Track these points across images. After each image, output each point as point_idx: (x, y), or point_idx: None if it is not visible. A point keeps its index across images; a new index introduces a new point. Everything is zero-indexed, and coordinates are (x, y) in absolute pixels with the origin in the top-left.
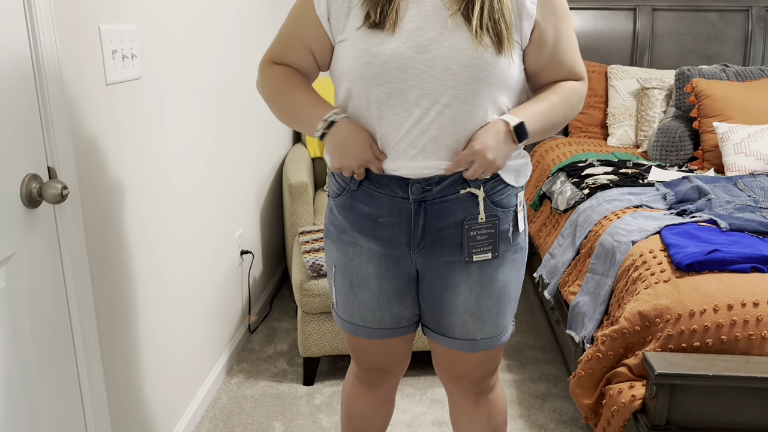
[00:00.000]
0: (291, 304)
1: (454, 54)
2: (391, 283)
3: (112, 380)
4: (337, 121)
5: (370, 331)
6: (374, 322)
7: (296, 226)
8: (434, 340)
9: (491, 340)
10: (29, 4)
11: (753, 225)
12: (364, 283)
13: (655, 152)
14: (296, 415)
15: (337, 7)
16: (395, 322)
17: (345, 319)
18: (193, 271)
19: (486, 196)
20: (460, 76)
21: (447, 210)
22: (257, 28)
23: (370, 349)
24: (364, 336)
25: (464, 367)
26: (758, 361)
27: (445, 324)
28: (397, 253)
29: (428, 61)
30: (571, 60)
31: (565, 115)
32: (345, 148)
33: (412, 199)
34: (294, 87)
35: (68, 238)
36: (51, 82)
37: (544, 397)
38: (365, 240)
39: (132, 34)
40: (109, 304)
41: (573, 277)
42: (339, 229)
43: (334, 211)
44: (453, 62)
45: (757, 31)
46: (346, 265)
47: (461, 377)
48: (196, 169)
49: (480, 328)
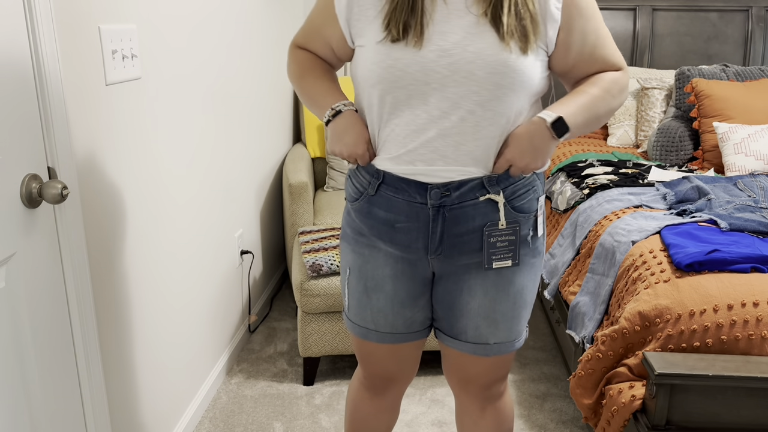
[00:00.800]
0: (291, 304)
1: (478, 59)
2: (406, 285)
3: (112, 380)
4: (343, 111)
5: (381, 336)
6: (386, 326)
7: (296, 226)
8: (445, 343)
9: (504, 345)
10: (29, 4)
11: (753, 225)
12: (379, 285)
13: (655, 152)
14: (296, 415)
15: (360, 9)
16: (407, 326)
17: (356, 323)
18: (193, 271)
19: (506, 201)
20: (484, 82)
21: (466, 216)
22: (258, 29)
23: (378, 355)
24: (375, 340)
25: (474, 371)
26: (758, 361)
27: (458, 327)
28: (414, 258)
29: (451, 65)
30: (604, 54)
31: (608, 107)
32: (341, 137)
33: (430, 204)
34: (312, 73)
35: (68, 238)
36: (51, 82)
37: (544, 397)
38: (383, 244)
39: (132, 34)
40: (109, 304)
41: (573, 277)
42: (356, 232)
43: (352, 215)
44: (476, 68)
45: (757, 31)
46: (362, 267)
47: (470, 381)
48: (196, 168)
49: (493, 332)
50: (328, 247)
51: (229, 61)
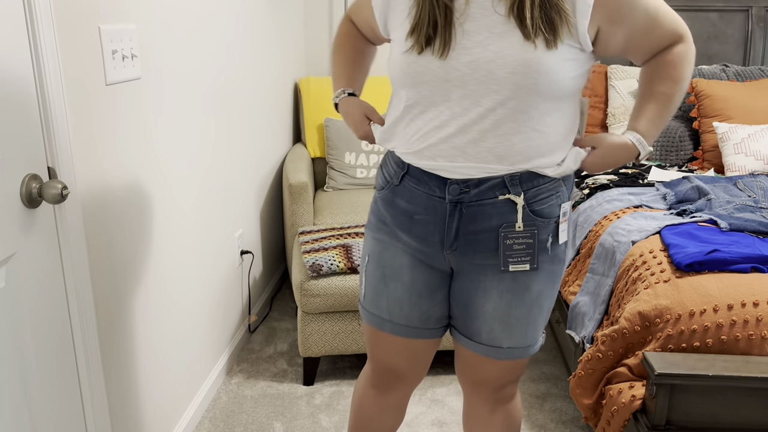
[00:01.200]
0: (291, 304)
1: (499, 59)
2: (424, 276)
3: (112, 380)
4: (339, 101)
5: (396, 327)
6: (401, 318)
7: (296, 226)
8: (459, 342)
9: (518, 350)
10: (29, 4)
11: (753, 225)
12: (397, 274)
13: (655, 152)
14: (296, 415)
15: (396, 5)
16: (423, 321)
17: (371, 311)
18: (193, 271)
19: (526, 203)
20: (504, 81)
21: (483, 214)
22: (258, 29)
23: (390, 349)
24: (389, 331)
25: (486, 373)
26: (758, 361)
27: (473, 327)
28: (431, 251)
29: (471, 63)
30: (661, 34)
31: (682, 95)
32: (346, 119)
33: (448, 199)
34: (340, 50)
35: (68, 238)
36: (51, 82)
37: (544, 397)
38: (403, 234)
39: (132, 34)
40: (109, 304)
41: (573, 277)
42: (379, 220)
43: (378, 203)
44: (497, 67)
45: (757, 31)
46: (381, 254)
47: (482, 383)
48: (196, 168)
49: (507, 336)
50: (328, 247)
51: (229, 61)
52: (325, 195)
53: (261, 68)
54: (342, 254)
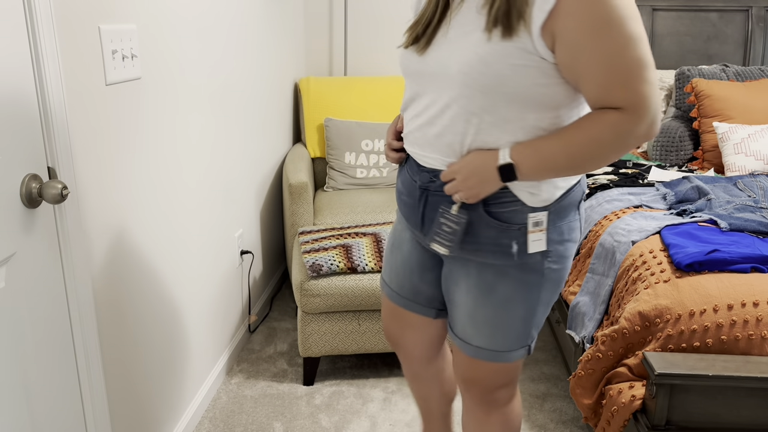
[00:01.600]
0: (291, 304)
1: (453, 56)
2: (419, 254)
3: (112, 380)
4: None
5: (391, 292)
6: (396, 285)
7: (296, 226)
8: (448, 332)
9: (487, 352)
10: (29, 4)
11: (753, 225)
12: (398, 245)
13: (655, 152)
14: (296, 415)
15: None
16: (413, 294)
17: (383, 277)
18: (193, 271)
19: (483, 203)
20: (453, 79)
21: (444, 203)
22: (258, 29)
23: (386, 312)
24: (386, 294)
25: (471, 373)
26: (758, 361)
27: (452, 317)
28: (417, 232)
29: (436, 60)
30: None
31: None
32: None
33: (418, 185)
34: None
35: (68, 238)
36: (51, 82)
37: (544, 397)
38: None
39: (132, 34)
40: (109, 304)
41: (573, 277)
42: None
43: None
44: (452, 64)
45: (757, 31)
46: (395, 226)
47: (470, 382)
48: (196, 168)
49: (475, 334)
50: (328, 247)
51: (229, 61)
52: (325, 195)
53: (261, 68)
54: (342, 254)
